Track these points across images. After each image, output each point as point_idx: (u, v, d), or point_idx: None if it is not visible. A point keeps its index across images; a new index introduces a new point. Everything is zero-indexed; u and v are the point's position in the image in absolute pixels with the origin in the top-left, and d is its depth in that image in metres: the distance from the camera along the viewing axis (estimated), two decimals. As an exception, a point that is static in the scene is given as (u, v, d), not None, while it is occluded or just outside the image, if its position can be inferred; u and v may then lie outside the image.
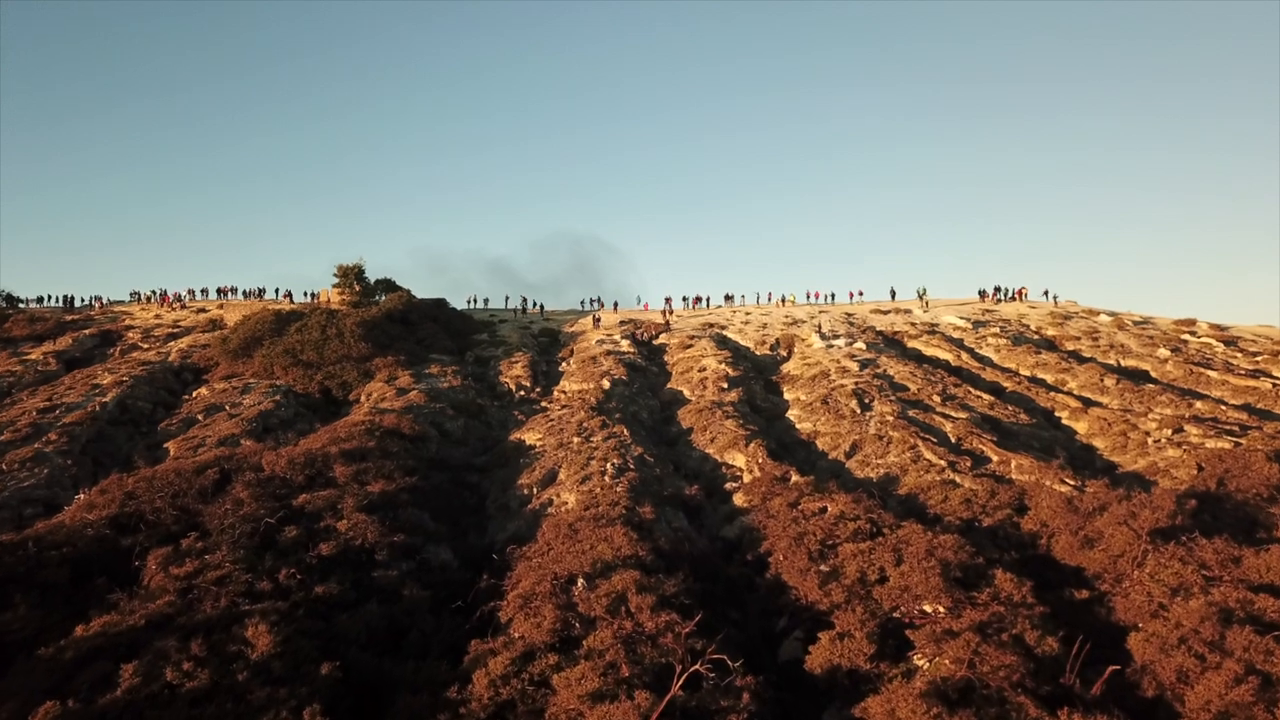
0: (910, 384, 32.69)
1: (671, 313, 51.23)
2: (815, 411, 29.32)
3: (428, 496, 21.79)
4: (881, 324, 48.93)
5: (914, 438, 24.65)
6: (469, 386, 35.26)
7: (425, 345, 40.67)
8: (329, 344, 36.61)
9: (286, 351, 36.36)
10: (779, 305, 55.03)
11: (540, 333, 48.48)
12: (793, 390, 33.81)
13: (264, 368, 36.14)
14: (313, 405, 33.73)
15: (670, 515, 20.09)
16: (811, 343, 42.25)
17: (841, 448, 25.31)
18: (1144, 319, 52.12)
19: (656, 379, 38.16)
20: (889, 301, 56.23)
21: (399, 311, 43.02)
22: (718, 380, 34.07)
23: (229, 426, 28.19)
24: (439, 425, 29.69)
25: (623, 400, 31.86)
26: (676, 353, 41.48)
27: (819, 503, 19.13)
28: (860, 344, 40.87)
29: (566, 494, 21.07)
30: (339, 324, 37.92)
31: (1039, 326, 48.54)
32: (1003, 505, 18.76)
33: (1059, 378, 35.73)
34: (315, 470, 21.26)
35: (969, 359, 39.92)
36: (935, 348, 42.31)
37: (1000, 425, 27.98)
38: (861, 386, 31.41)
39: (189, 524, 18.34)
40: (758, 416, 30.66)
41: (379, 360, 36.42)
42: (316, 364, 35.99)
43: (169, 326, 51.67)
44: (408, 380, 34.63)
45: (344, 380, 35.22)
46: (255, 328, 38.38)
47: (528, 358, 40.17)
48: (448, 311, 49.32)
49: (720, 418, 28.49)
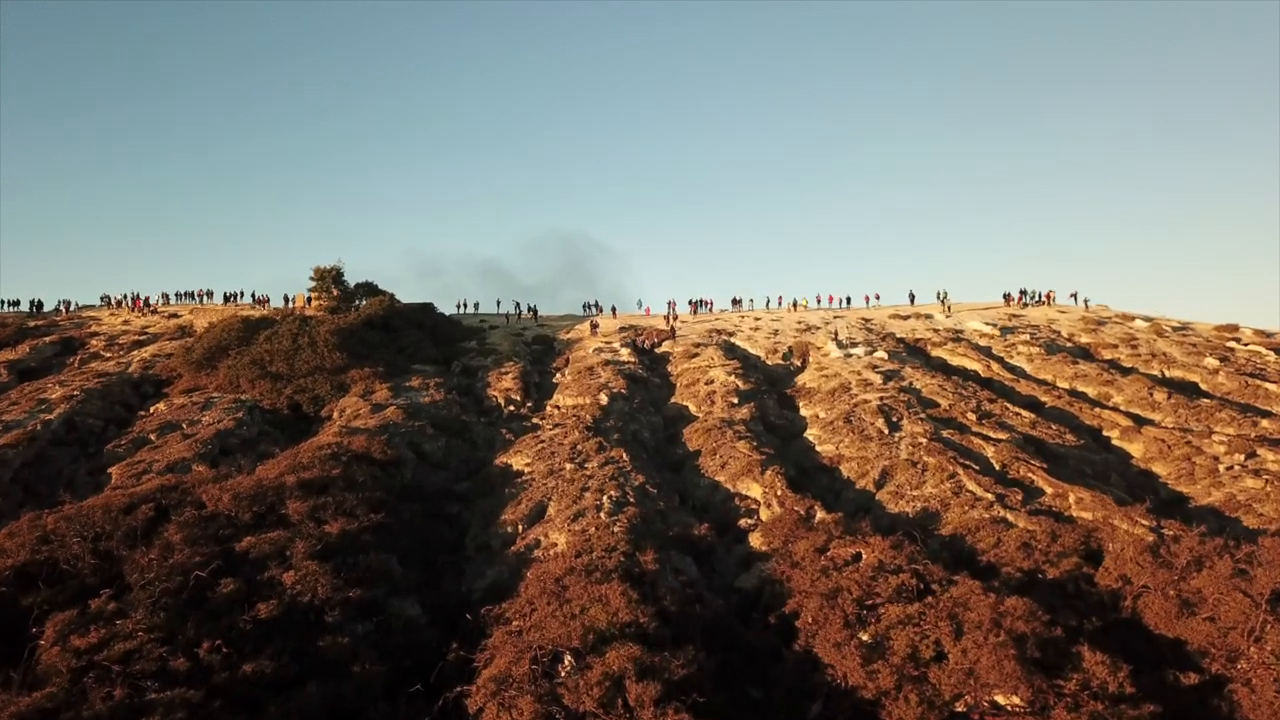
0: (940, 399, 30.28)
1: (675, 318, 48.82)
2: (837, 431, 26.91)
3: (396, 535, 19.39)
4: (902, 330, 46.52)
5: (953, 464, 22.23)
6: (453, 401, 32.89)
7: (407, 354, 38.31)
8: (300, 354, 34.25)
9: (254, 363, 34.00)
10: (790, 310, 52.59)
11: (533, 340, 46.09)
12: (810, 406, 31.39)
13: (229, 380, 33.77)
14: (280, 422, 31.35)
15: (677, 561, 17.70)
16: (828, 351, 39.84)
17: (870, 475, 22.90)
18: (1182, 324, 49.68)
19: (659, 392, 35.78)
20: (908, 306, 53.80)
21: (380, 318, 40.61)
22: (727, 394, 31.68)
23: (181, 449, 25.81)
24: (417, 446, 27.33)
25: (622, 417, 29.47)
26: (681, 362, 39.08)
27: (851, 548, 16.73)
28: (881, 353, 38.47)
29: (556, 533, 18.68)
30: (312, 332, 35.56)
31: (1071, 333, 46.12)
32: (1068, 551, 16.35)
33: (1102, 391, 33.31)
34: (265, 506, 18.88)
35: (1000, 369, 37.50)
36: (962, 357, 39.90)
37: (1045, 448, 25.57)
38: (887, 402, 28.99)
39: (109, 575, 15.97)
40: (772, 436, 28.25)
41: (355, 372, 34.04)
42: (286, 376, 33.62)
43: (136, 333, 49.28)
44: (385, 394, 32.28)
45: (316, 394, 32.84)
46: (221, 336, 36.03)
47: (519, 368, 37.81)
48: (434, 317, 46.92)
49: (731, 438, 26.09)
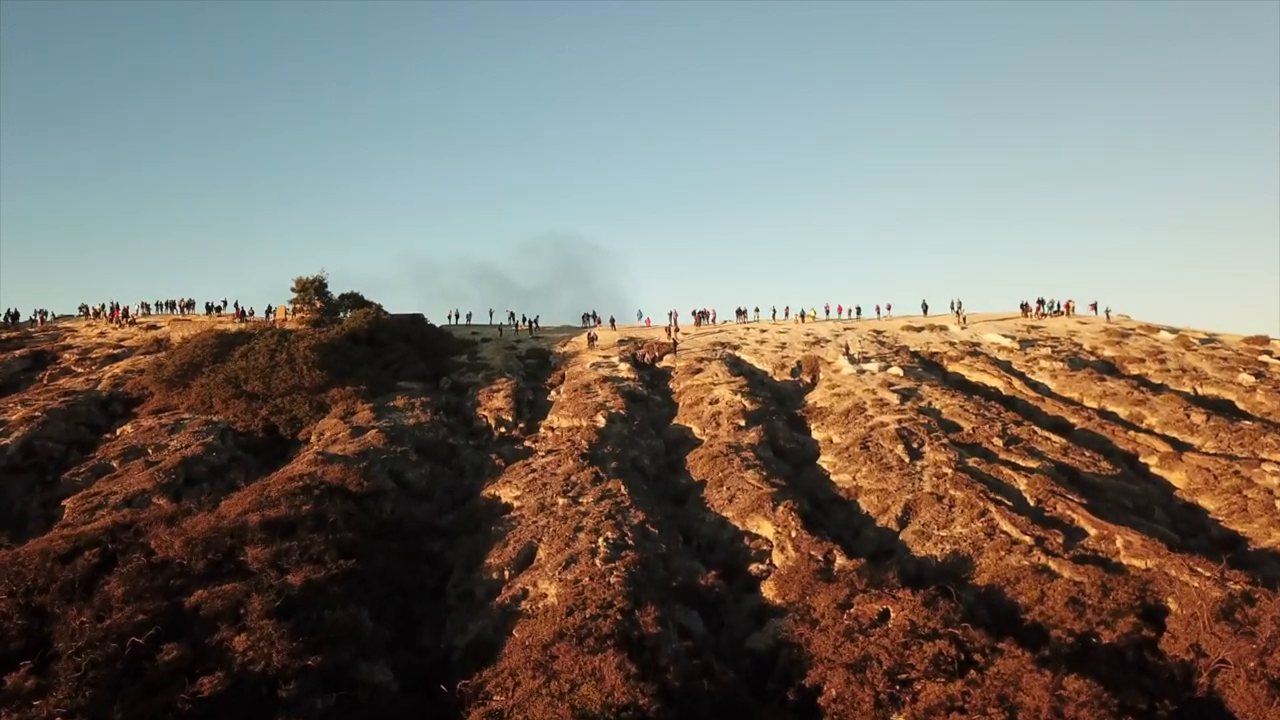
0: (962, 421, 28.64)
1: (677, 330, 47.20)
2: (853, 459, 25.26)
3: (370, 583, 17.76)
4: (915, 343, 44.91)
5: (982, 499, 20.59)
6: (439, 422, 31.26)
7: (393, 370, 36.70)
8: (278, 372, 32.60)
9: (228, 381, 32.36)
10: (798, 321, 50.94)
11: (528, 353, 44.47)
12: (823, 428, 29.75)
13: (201, 400, 32.14)
14: (254, 446, 29.71)
15: (681, 616, 16.06)
16: (839, 367, 38.22)
17: (892, 511, 21.24)
18: (1209, 336, 48.05)
19: (660, 411, 34.14)
20: (921, 316, 52.19)
21: (365, 331, 39.00)
22: (733, 415, 30.04)
23: (142, 479, 24.17)
24: (398, 475, 25.73)
25: (620, 442, 27.83)
26: (684, 379, 37.46)
27: (877, 604, 15.09)
28: (895, 369, 36.85)
29: (546, 583, 17.04)
30: (291, 348, 33.91)
31: (1094, 346, 44.50)
32: (1124, 609, 14.69)
33: (1134, 411, 31.67)
34: (222, 552, 17.25)
35: (1022, 387, 35.87)
36: (981, 373, 38.28)
37: (1080, 477, 23.95)
38: (906, 426, 27.36)
39: (38, 638, 14.35)
40: (782, 463, 26.61)
41: (336, 391, 32.41)
42: (262, 396, 31.98)
43: (111, 346, 47.68)
44: (367, 415, 30.65)
45: (293, 415, 31.20)
46: (194, 353, 34.39)
47: (511, 385, 36.19)
48: (424, 329, 45.31)
49: (738, 466, 24.46)
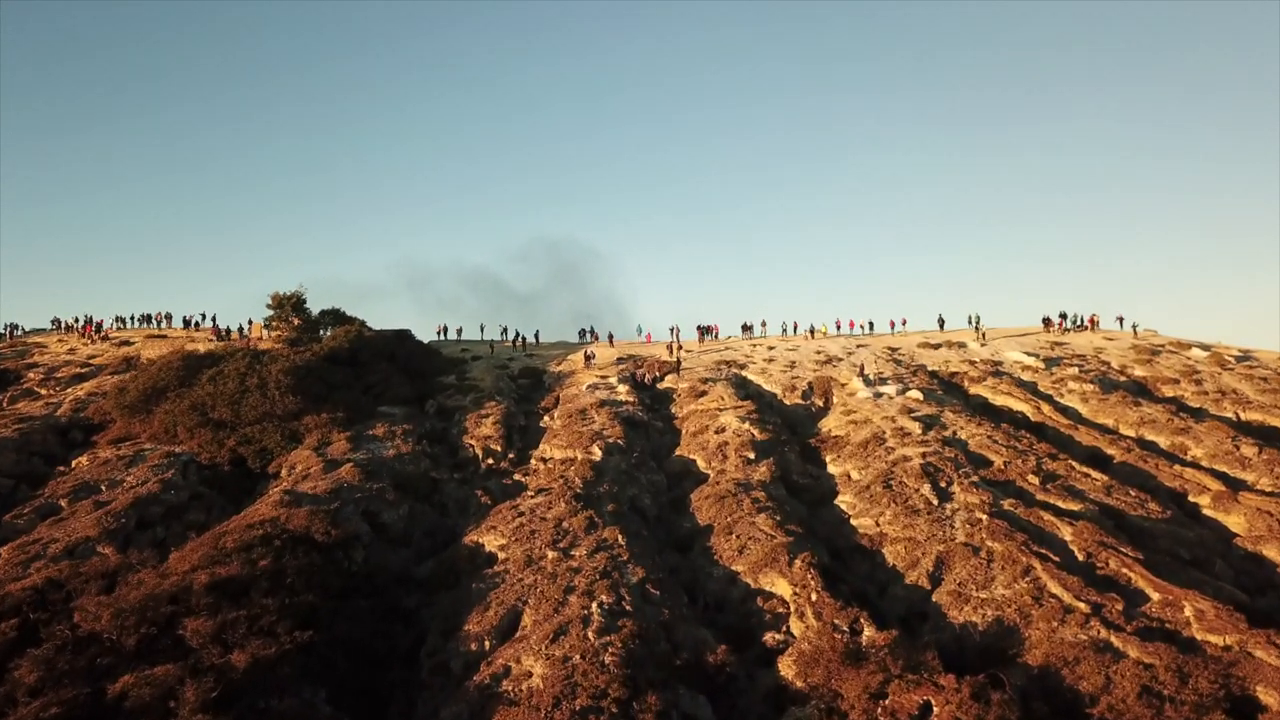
0: (992, 454, 26.71)
1: (680, 348, 45.26)
2: (875, 500, 23.31)
3: (331, 657, 15.87)
4: (933, 362, 42.98)
5: (1024, 553, 18.64)
6: (421, 453, 29.34)
7: (375, 394, 34.76)
8: (248, 398, 30.70)
9: (194, 408, 30.47)
10: (807, 338, 48.99)
11: (520, 373, 42.54)
12: (839, 461, 27.80)
13: (165, 428, 30.25)
14: (220, 480, 27.79)
15: (686, 703, 14.15)
16: (853, 389, 36.29)
17: (922, 565, 19.28)
18: (1243, 353, 46.10)
19: (662, 439, 32.21)
20: (938, 332, 50.27)
21: (345, 351, 37.07)
22: (741, 447, 28.11)
23: (88, 524, 22.24)
24: (374, 516, 23.80)
25: (617, 477, 25.90)
26: (687, 402, 35.54)
27: (917, 693, 13.14)
28: (915, 392, 34.92)
29: (531, 659, 15.10)
30: (263, 371, 32.01)
31: (1123, 364, 42.56)
32: (1207, 703, 12.76)
33: (1176, 441, 29.72)
34: (159, 624, 15.34)
35: (1051, 412, 33.92)
36: (1006, 395, 36.34)
37: (1127, 522, 22.01)
38: (931, 460, 25.43)
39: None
40: (796, 502, 24.69)
41: (310, 418, 30.50)
42: (230, 424, 30.08)
43: (79, 365, 45.83)
44: (343, 446, 28.74)
45: (263, 446, 29.29)
46: (159, 376, 32.48)
47: (501, 410, 34.25)
48: (410, 346, 43.36)
49: (749, 509, 22.52)
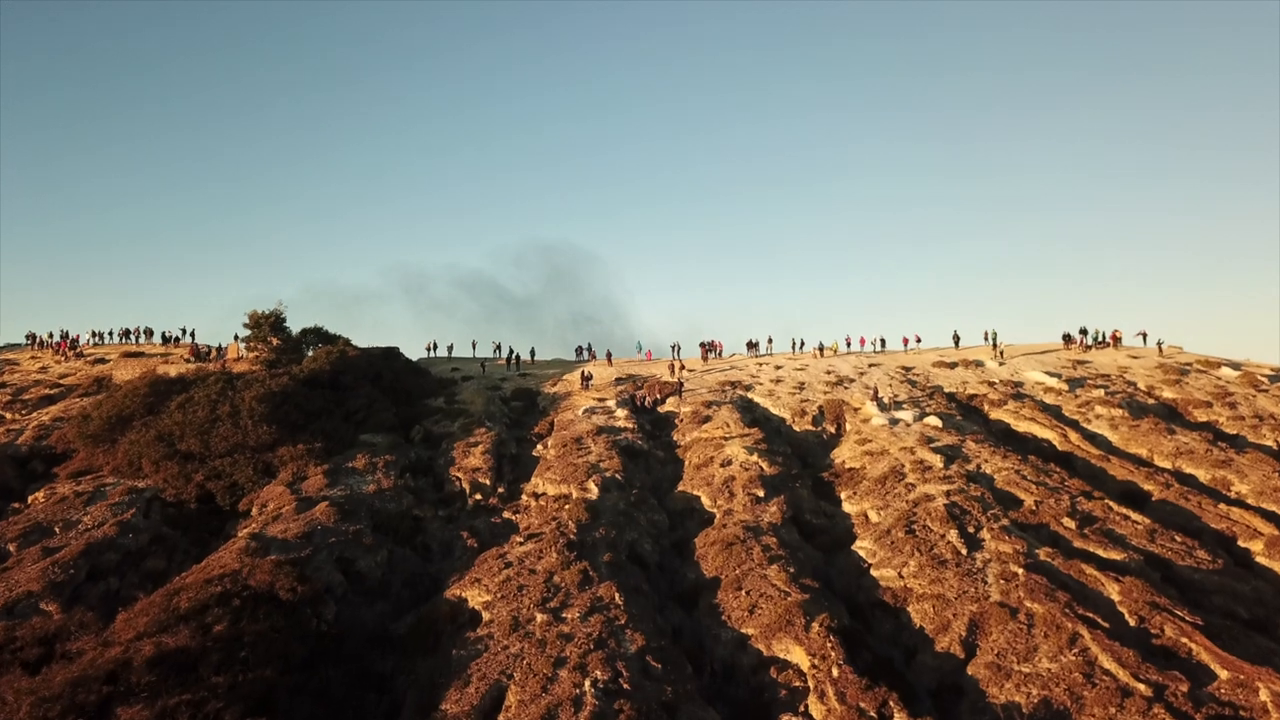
0: (1021, 492, 25.00)
1: (682, 366, 43.53)
2: (897, 547, 21.58)
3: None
4: (950, 383, 41.28)
5: (1069, 617, 16.92)
6: (404, 488, 27.65)
7: (356, 421, 33.04)
8: (218, 427, 29.02)
9: (161, 438, 28.79)
10: (816, 356, 47.26)
11: (513, 395, 40.85)
12: (855, 499, 26.08)
13: (129, 460, 28.57)
14: (185, 520, 26.10)
15: (692, 814, 12.34)
16: (867, 415, 34.59)
17: (954, 629, 17.55)
18: (1276, 372, 44.39)
19: (663, 470, 30.51)
20: (953, 350, 48.58)
21: (326, 374, 35.39)
22: (749, 483, 26.39)
23: (33, 574, 20.55)
24: (349, 564, 22.11)
25: (615, 519, 24.19)
26: (690, 429, 33.83)
27: (962, 808, 11.34)
28: (932, 418, 33.21)
29: (514, 754, 13.36)
30: (235, 399, 30.32)
31: (1150, 385, 40.84)
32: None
33: (1217, 475, 27.99)
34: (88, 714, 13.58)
35: (1079, 440, 32.19)
36: (1030, 421, 34.62)
37: (1175, 573, 20.32)
38: (956, 500, 23.73)
39: None
40: (810, 548, 22.98)
41: (285, 450, 28.81)
42: (199, 456, 28.40)
43: (49, 385, 44.18)
44: (319, 481, 27.06)
45: (233, 481, 27.62)
46: (124, 403, 30.80)
47: (491, 438, 32.55)
48: (397, 366, 41.71)
49: (759, 559, 20.81)
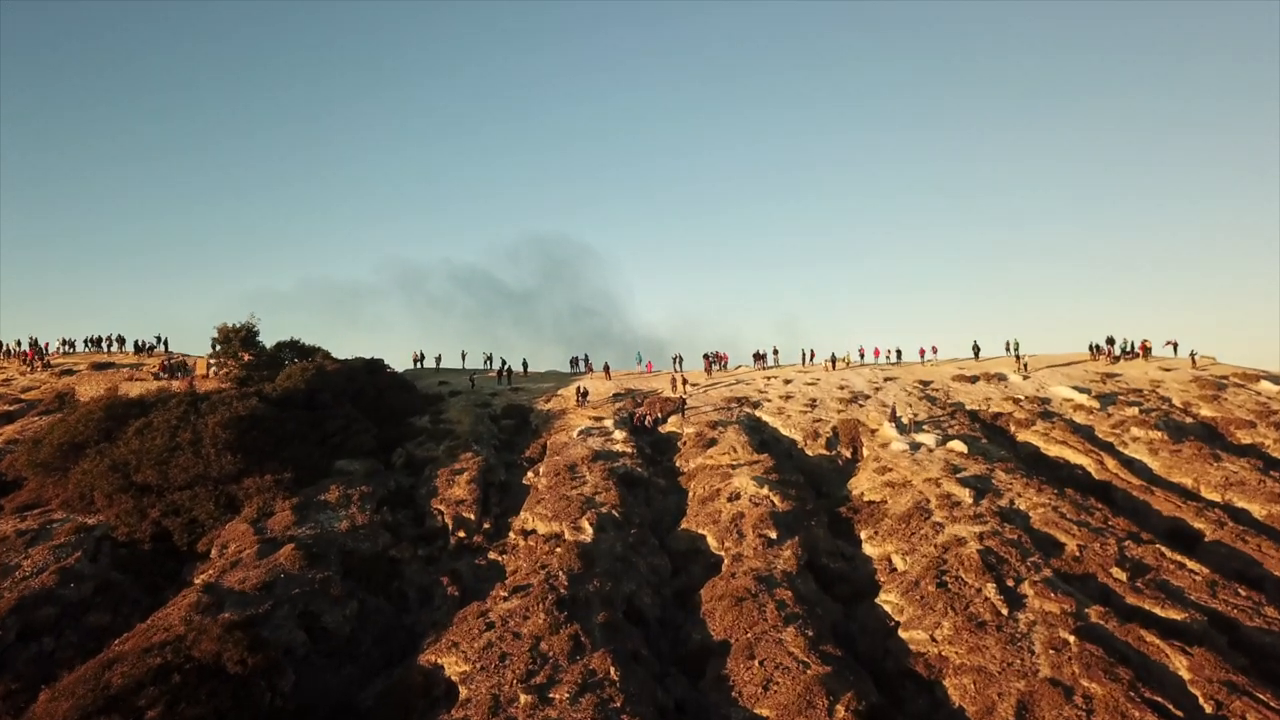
0: (1062, 534, 22.95)
1: (685, 381, 41.43)
2: (928, 603, 19.51)
3: None
4: (971, 399, 39.20)
5: (1134, 702, 14.89)
6: (381, 524, 25.62)
7: (333, 445, 30.96)
8: (179, 456, 26.95)
9: (115, 468, 26.73)
10: (828, 368, 45.13)
11: (504, 412, 38.77)
12: (877, 540, 24.01)
13: (80, 493, 26.53)
14: (137, 563, 24.03)
15: None
16: (885, 437, 32.53)
17: (999, 713, 15.50)
18: (1317, 385, 42.26)
19: (665, 501, 28.47)
20: (973, 361, 46.46)
21: (301, 392, 33.32)
22: (759, 521, 24.34)
23: (-46, 637, 18.48)
24: (314, 618, 20.10)
25: (611, 567, 22.14)
26: (694, 453, 31.78)
27: None
28: (956, 442, 31.13)
29: None
30: (198, 424, 28.21)
31: (1187, 402, 38.79)
32: None
33: (1273, 510, 25.95)
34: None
35: (1117, 467, 30.12)
36: (1061, 445, 32.55)
37: (1243, 635, 18.31)
38: (990, 545, 21.69)
39: None
40: (829, 600, 20.95)
41: (252, 481, 26.76)
42: (157, 488, 26.36)
43: (11, 400, 42.16)
44: (288, 518, 25.02)
45: (193, 517, 25.60)
46: (77, 428, 28.72)
47: (479, 464, 30.48)
48: (380, 381, 39.67)
49: (773, 618, 18.76)
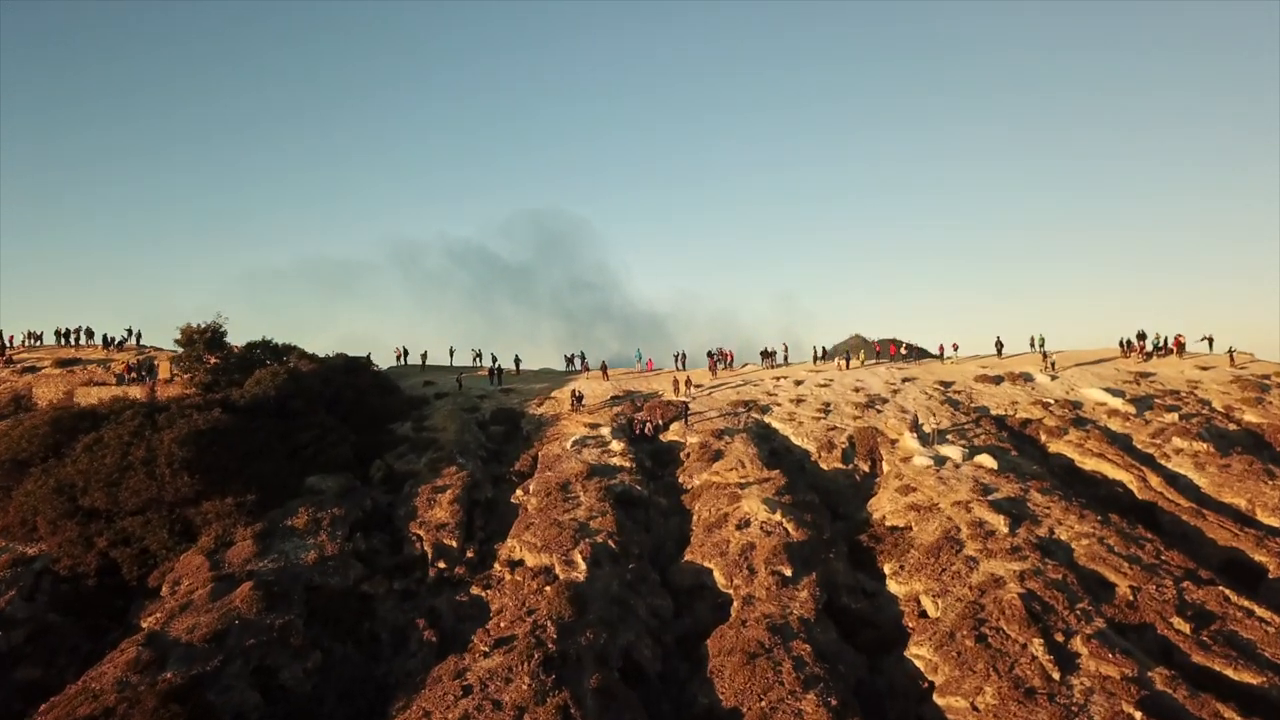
0: (1112, 572, 20.82)
1: (688, 382, 39.11)
2: (965, 662, 17.40)
3: None
4: (997, 403, 36.96)
5: (1223, 804, 12.75)
6: (352, 554, 23.52)
7: (304, 459, 28.71)
8: (130, 477, 24.75)
9: (60, 490, 24.57)
10: (841, 367, 42.78)
11: (493, 417, 36.55)
12: (903, 575, 21.87)
13: (21, 518, 24.45)
14: (81, 601, 22.03)
15: None
16: (907, 448, 30.34)
17: (1061, 814, 13.39)
18: (1366, 385, 39.99)
19: (666, 526, 26.37)
20: (995, 359, 44.13)
21: (272, 399, 31.02)
22: (772, 555, 22.20)
23: None
24: (270, 675, 18.10)
25: (606, 612, 20.02)
26: (698, 468, 29.61)
27: None
28: (985, 456, 28.93)
29: None
30: (154, 439, 25.95)
31: (1228, 405, 36.54)
32: None
33: (1341, 539, 23.77)
34: None
35: (1161, 485, 27.95)
36: (1097, 458, 30.34)
37: (1331, 704, 16.13)
38: (1033, 588, 19.59)
39: None
40: (852, 652, 18.85)
41: (211, 504, 24.64)
42: (106, 514, 24.25)
43: (-34, 400, 39.95)
44: (248, 548, 22.90)
45: (144, 547, 23.54)
46: (20, 445, 26.51)
47: (463, 480, 28.29)
48: (361, 383, 37.38)
49: (790, 680, 16.66)
